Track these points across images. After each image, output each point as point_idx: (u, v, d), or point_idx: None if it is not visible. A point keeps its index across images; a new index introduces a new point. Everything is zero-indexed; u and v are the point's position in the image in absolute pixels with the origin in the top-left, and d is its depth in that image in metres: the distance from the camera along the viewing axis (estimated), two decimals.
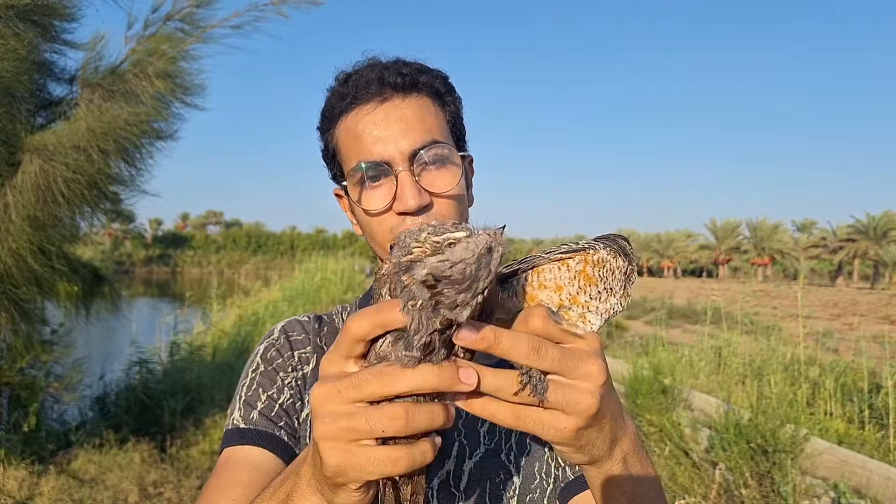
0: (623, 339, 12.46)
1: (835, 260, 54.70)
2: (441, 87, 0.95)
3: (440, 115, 0.94)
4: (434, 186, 0.89)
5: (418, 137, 0.88)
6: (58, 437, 4.87)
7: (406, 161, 0.88)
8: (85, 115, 3.71)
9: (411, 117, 0.89)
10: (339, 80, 0.95)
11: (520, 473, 0.91)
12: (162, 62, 4.08)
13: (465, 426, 0.93)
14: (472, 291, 0.44)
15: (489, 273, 0.44)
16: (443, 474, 0.89)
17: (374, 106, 0.90)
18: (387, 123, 0.88)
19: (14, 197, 3.41)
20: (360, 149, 0.89)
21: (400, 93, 0.90)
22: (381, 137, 0.88)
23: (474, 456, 0.91)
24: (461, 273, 0.43)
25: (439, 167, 0.90)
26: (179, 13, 4.29)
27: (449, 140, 0.94)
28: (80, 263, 4.64)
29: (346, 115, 0.92)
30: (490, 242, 0.45)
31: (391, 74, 0.90)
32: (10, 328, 3.92)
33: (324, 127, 0.98)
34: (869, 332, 11.39)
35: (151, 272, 62.93)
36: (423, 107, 0.92)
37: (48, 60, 3.94)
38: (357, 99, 0.91)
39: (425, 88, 0.93)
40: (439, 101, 0.95)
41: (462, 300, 0.44)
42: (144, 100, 3.99)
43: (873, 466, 4.46)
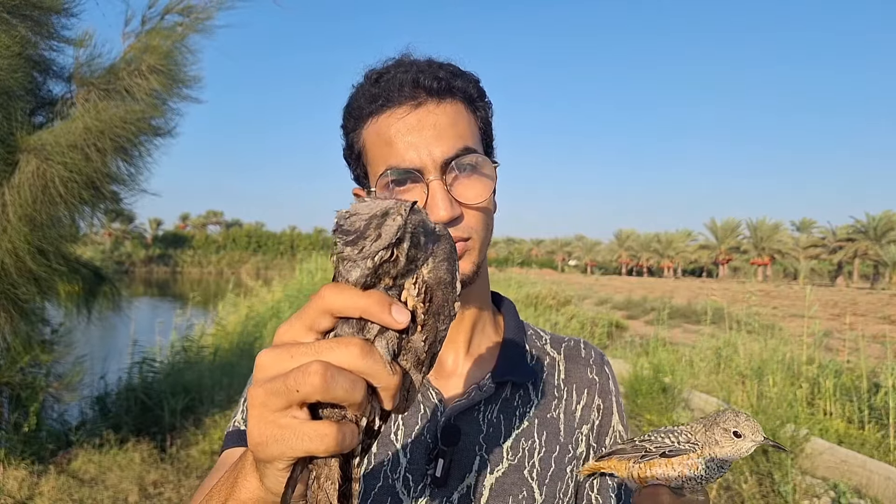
0: (623, 339, 12.46)
1: (835, 260, 54.68)
2: (474, 93, 0.91)
3: (472, 122, 0.91)
4: (465, 197, 0.86)
5: (451, 145, 0.85)
6: (58, 437, 4.87)
7: (438, 170, 0.84)
8: (82, 113, 3.70)
9: (445, 124, 0.86)
10: (370, 80, 0.90)
11: (543, 492, 0.90)
12: (155, 57, 4.05)
13: (487, 440, 0.90)
14: (359, 248, 0.45)
15: (379, 236, 0.44)
16: (463, 488, 0.87)
17: (407, 110, 0.86)
18: (420, 129, 0.85)
19: (11, 197, 3.41)
20: (390, 153, 0.85)
21: (434, 97, 0.87)
22: (414, 143, 0.84)
23: (496, 471, 0.89)
24: (350, 225, 0.45)
25: (471, 177, 0.87)
26: (177, 6, 4.28)
27: (480, 148, 0.91)
28: (80, 263, 4.64)
29: (377, 117, 0.88)
30: (389, 208, 0.46)
31: (426, 78, 0.86)
32: (10, 328, 3.91)
33: (349, 126, 0.93)
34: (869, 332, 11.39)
35: (151, 272, 62.87)
36: (457, 113, 0.88)
37: (47, 58, 3.92)
38: (389, 101, 0.87)
39: (459, 93, 0.89)
40: (471, 106, 0.91)
41: (349, 254, 0.45)
42: (140, 97, 3.97)
43: (873, 466, 4.46)
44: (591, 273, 69.59)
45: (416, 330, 0.49)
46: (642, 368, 6.64)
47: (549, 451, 0.93)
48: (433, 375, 0.94)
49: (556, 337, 1.08)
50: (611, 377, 1.04)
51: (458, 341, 0.96)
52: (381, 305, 0.46)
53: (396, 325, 0.46)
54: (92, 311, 4.83)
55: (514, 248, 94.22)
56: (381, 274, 0.47)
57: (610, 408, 1.01)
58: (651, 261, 74.27)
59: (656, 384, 6.18)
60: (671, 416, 5.57)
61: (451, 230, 0.84)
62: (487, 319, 1.01)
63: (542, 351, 1.03)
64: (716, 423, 0.73)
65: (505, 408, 0.93)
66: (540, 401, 0.96)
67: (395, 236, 0.45)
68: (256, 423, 0.47)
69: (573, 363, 1.03)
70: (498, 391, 0.93)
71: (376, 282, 0.47)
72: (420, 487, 0.86)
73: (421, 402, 0.91)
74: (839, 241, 53.45)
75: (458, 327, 0.96)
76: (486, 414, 0.92)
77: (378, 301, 0.46)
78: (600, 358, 1.06)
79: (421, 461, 0.87)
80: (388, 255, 0.46)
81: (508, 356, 0.97)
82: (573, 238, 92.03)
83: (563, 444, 0.94)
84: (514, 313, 1.05)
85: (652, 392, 6.08)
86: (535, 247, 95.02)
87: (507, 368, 0.94)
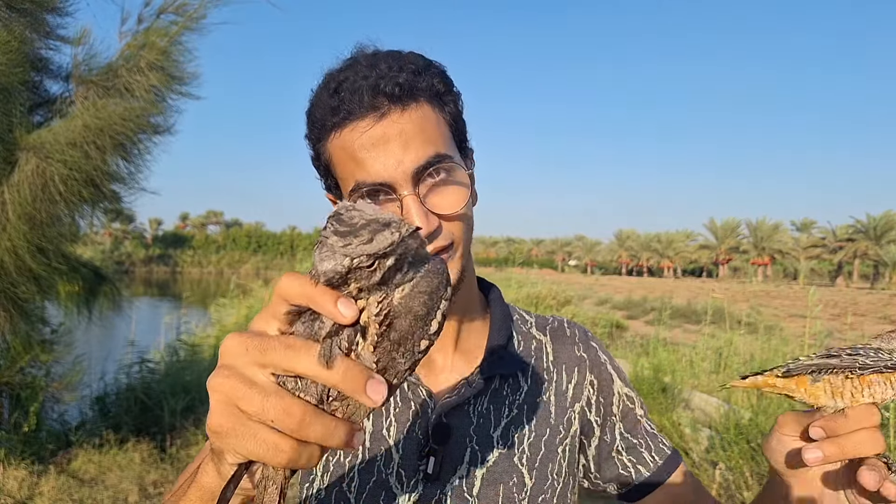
0: (623, 338, 12.46)
1: (835, 260, 54.71)
2: (441, 87, 0.86)
3: (441, 121, 0.86)
4: (441, 208, 0.83)
5: (421, 153, 0.81)
6: (58, 437, 4.87)
7: (410, 183, 0.81)
8: (81, 111, 3.70)
9: (411, 132, 0.81)
10: (329, 89, 0.84)
11: (532, 475, 0.91)
12: (153, 54, 4.05)
13: (478, 432, 0.91)
14: (345, 242, 0.43)
15: (370, 241, 0.43)
16: (455, 480, 0.88)
17: (370, 122, 0.81)
18: (385, 142, 0.80)
19: (11, 195, 3.41)
20: (357, 169, 0.82)
21: (398, 104, 0.82)
22: (381, 157, 0.80)
23: (487, 461, 0.90)
24: (349, 217, 0.44)
25: (445, 186, 0.84)
26: (172, 5, 4.28)
27: (452, 147, 0.87)
28: (80, 263, 4.64)
29: (339, 130, 0.83)
30: (392, 222, 0.44)
31: (387, 84, 0.81)
32: (10, 328, 3.91)
33: (314, 136, 0.88)
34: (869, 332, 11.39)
35: (151, 272, 62.89)
36: (424, 117, 0.83)
37: (44, 57, 3.93)
38: (351, 114, 0.82)
39: (424, 93, 0.84)
40: (439, 103, 0.87)
41: (332, 242, 0.44)
42: (139, 94, 3.97)
43: None
44: (591, 273, 69.61)
45: (366, 346, 0.46)
46: (642, 368, 6.64)
47: (538, 435, 0.94)
48: (423, 372, 0.94)
49: (541, 318, 1.08)
50: (599, 349, 1.05)
51: (447, 338, 0.96)
52: (329, 295, 0.44)
53: (341, 319, 0.44)
54: (92, 311, 4.83)
55: (514, 248, 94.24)
56: (351, 278, 0.44)
57: (608, 377, 1.02)
58: (651, 261, 74.30)
59: (656, 384, 6.18)
60: (671, 417, 5.56)
61: (432, 243, 0.83)
62: (475, 313, 1.01)
63: (529, 335, 1.03)
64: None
65: (495, 399, 0.94)
66: (530, 387, 0.97)
67: (384, 249, 0.43)
68: (216, 411, 0.46)
69: (560, 343, 1.03)
70: (487, 384, 0.94)
71: (342, 283, 0.45)
72: (413, 482, 0.87)
73: (411, 398, 0.92)
74: (839, 241, 53.49)
75: (447, 324, 0.95)
76: (476, 407, 0.92)
77: (326, 291, 0.44)
78: (584, 334, 1.06)
79: (413, 457, 0.88)
80: (369, 263, 0.44)
81: (496, 349, 0.97)
82: (573, 238, 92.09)
83: (553, 426, 0.95)
84: (501, 301, 1.04)
85: (652, 392, 6.08)
86: (535, 247, 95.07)
87: (495, 362, 0.95)
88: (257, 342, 0.45)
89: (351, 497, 0.87)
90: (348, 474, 0.88)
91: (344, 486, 0.88)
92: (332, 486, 0.89)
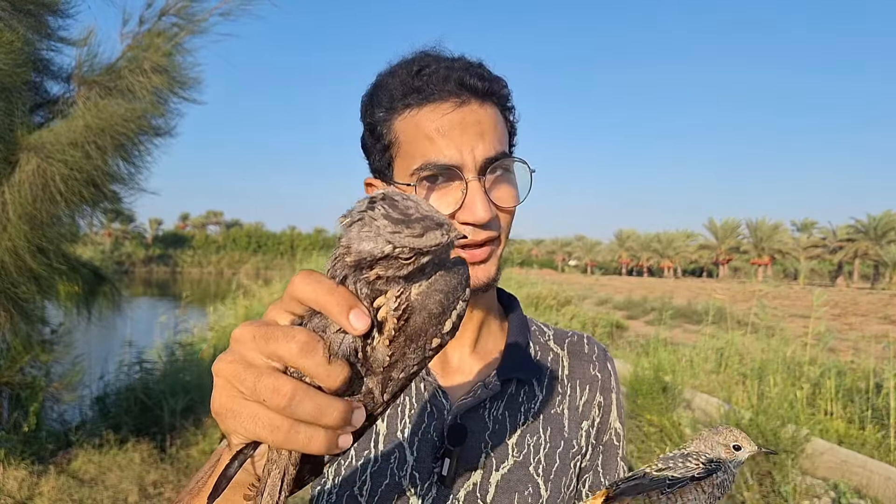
0: (623, 338, 12.46)
1: (835, 260, 54.68)
2: (506, 98, 0.92)
3: (505, 127, 0.91)
4: (500, 200, 0.88)
5: (491, 147, 0.85)
6: (58, 437, 4.87)
7: (477, 170, 0.84)
8: (82, 112, 3.71)
9: (486, 125, 0.86)
10: (410, 71, 0.87)
11: (548, 487, 0.91)
12: (157, 56, 4.06)
13: (493, 437, 0.91)
14: (395, 230, 0.43)
15: (420, 235, 0.43)
16: (469, 485, 0.88)
17: (451, 107, 0.85)
18: (463, 128, 0.84)
19: (11, 195, 3.41)
20: (429, 148, 0.84)
21: (478, 98, 0.86)
22: (456, 141, 0.84)
23: (501, 468, 0.89)
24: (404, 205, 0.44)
25: (505, 181, 0.89)
26: (174, 8, 4.29)
27: (510, 152, 0.92)
28: (80, 263, 4.64)
29: (416, 109, 0.86)
30: (444, 223, 0.44)
31: (471, 77, 0.86)
32: (10, 328, 3.91)
33: (378, 115, 0.90)
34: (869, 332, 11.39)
35: (151, 272, 62.85)
36: (495, 116, 0.89)
37: (45, 58, 3.93)
38: (432, 95, 0.85)
39: (496, 97, 0.89)
40: (504, 110, 0.92)
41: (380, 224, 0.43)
42: (141, 95, 3.98)
43: (874, 466, 4.45)
44: (591, 273, 69.60)
45: (381, 341, 0.46)
46: (642, 368, 6.64)
47: (553, 446, 0.94)
48: (440, 374, 0.95)
49: (560, 332, 1.08)
50: (612, 374, 1.05)
51: (465, 339, 0.97)
52: (341, 306, 0.44)
53: (352, 331, 0.44)
54: (92, 311, 4.83)
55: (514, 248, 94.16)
56: (380, 264, 0.44)
57: (609, 405, 1.02)
58: (651, 261, 74.26)
59: (656, 384, 6.18)
60: (671, 417, 5.56)
61: (485, 230, 0.86)
62: (494, 318, 1.02)
63: (546, 347, 1.04)
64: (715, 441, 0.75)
65: (510, 405, 0.94)
66: (544, 397, 0.97)
67: (429, 248, 0.44)
68: (221, 393, 0.47)
69: (576, 359, 1.04)
70: (503, 388, 0.94)
71: (368, 266, 0.44)
72: (427, 485, 0.87)
73: (427, 400, 0.91)
74: (839, 241, 53.44)
75: (466, 325, 0.96)
76: (491, 411, 0.92)
77: (339, 301, 0.44)
78: (603, 354, 1.06)
79: (428, 459, 0.88)
80: (408, 256, 0.44)
81: (513, 354, 0.97)
82: (573, 238, 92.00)
83: (567, 439, 0.95)
84: (519, 310, 1.06)
85: (652, 392, 6.08)
86: (535, 247, 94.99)
87: (511, 366, 0.95)
88: (264, 331, 0.46)
89: (362, 500, 0.86)
90: (360, 477, 0.87)
91: (355, 489, 0.87)
92: (342, 490, 0.87)
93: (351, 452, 0.89)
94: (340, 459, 0.90)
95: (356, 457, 0.89)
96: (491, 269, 0.89)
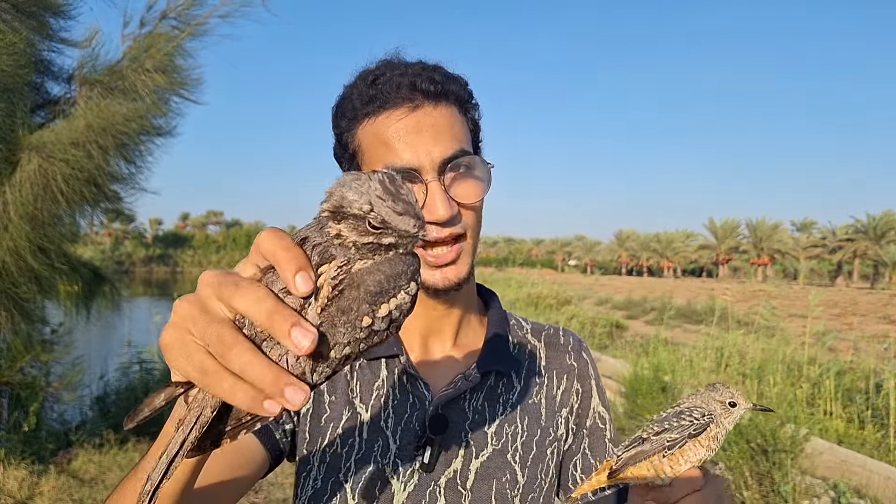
0: (623, 338, 12.46)
1: (834, 260, 54.68)
2: (465, 95, 0.95)
3: (465, 124, 0.94)
4: (462, 197, 0.90)
5: (448, 147, 0.88)
6: (58, 437, 4.87)
7: (436, 170, 0.87)
8: (84, 111, 3.71)
9: (442, 126, 0.89)
10: (366, 81, 0.91)
11: (525, 473, 0.95)
12: (159, 56, 4.07)
13: (472, 427, 0.95)
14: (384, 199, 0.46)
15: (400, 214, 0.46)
16: (450, 473, 0.92)
17: (404, 112, 0.88)
18: (418, 131, 0.87)
19: (13, 195, 3.41)
20: (387, 153, 0.88)
21: (431, 100, 0.89)
22: (412, 144, 0.87)
23: (481, 456, 0.94)
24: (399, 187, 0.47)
25: (467, 178, 0.91)
26: (174, 10, 4.30)
27: (471, 149, 0.95)
28: (80, 263, 4.64)
29: (374, 118, 0.90)
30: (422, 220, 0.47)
31: (423, 81, 0.89)
32: (10, 328, 3.91)
33: (342, 126, 0.95)
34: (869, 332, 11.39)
35: (151, 272, 62.80)
36: (452, 116, 0.91)
37: (46, 59, 3.94)
38: (386, 103, 0.89)
39: (453, 97, 0.92)
40: (463, 109, 0.95)
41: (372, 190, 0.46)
42: (143, 94, 3.99)
43: (873, 466, 4.46)
44: (591, 273, 69.59)
45: (315, 307, 0.47)
46: (642, 368, 6.64)
47: (530, 434, 0.98)
48: (422, 366, 0.99)
49: (537, 325, 1.13)
50: (589, 362, 1.10)
51: (446, 333, 1.02)
52: (292, 265, 0.46)
53: (295, 291, 0.46)
54: (91, 311, 4.83)
55: (514, 248, 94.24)
56: (348, 220, 0.47)
57: (589, 391, 1.07)
58: (651, 261, 74.26)
59: (656, 384, 6.18)
60: None
61: (449, 228, 0.89)
62: (473, 312, 1.06)
63: (524, 340, 1.08)
64: (711, 397, 0.78)
65: (490, 396, 0.99)
66: (522, 387, 1.02)
67: (398, 229, 0.46)
68: (168, 327, 0.49)
69: (553, 350, 1.08)
70: (483, 380, 0.98)
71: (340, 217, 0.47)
72: (409, 472, 0.91)
73: (409, 390, 0.96)
74: (839, 241, 53.42)
75: (447, 320, 1.01)
76: (471, 402, 0.97)
77: (292, 260, 0.46)
78: (578, 344, 1.11)
79: (410, 448, 0.92)
80: (377, 226, 0.46)
81: (493, 347, 1.02)
82: (573, 238, 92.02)
83: (544, 427, 1.00)
84: (499, 305, 1.10)
85: (652, 392, 6.09)
86: (535, 247, 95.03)
87: (491, 359, 1.00)
88: (228, 280, 0.48)
89: (347, 486, 0.90)
90: (345, 463, 0.91)
91: (340, 475, 0.91)
92: (328, 476, 0.91)
93: (336, 440, 0.93)
94: (326, 447, 0.93)
95: (341, 444, 0.93)
96: (461, 268, 0.92)
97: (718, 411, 0.76)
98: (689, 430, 0.74)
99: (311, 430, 0.95)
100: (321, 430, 0.94)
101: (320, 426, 0.95)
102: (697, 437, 0.74)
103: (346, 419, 0.94)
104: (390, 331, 0.50)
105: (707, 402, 0.77)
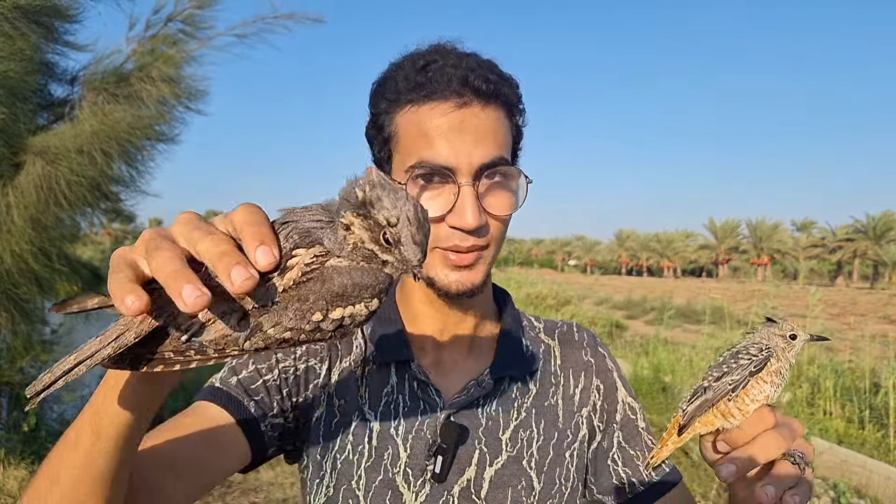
0: (623, 338, 12.46)
1: (834, 260, 54.69)
2: (515, 99, 0.90)
3: (509, 130, 0.89)
4: (493, 208, 0.86)
5: (489, 152, 0.83)
6: (58, 437, 4.83)
7: (471, 175, 0.83)
8: (88, 117, 3.71)
9: (487, 129, 0.84)
10: (415, 66, 0.86)
11: (541, 479, 0.91)
12: (167, 66, 4.07)
13: (486, 434, 0.91)
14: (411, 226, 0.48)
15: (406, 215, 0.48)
16: (463, 482, 0.88)
17: (451, 107, 0.83)
18: (461, 130, 0.82)
19: (16, 198, 3.42)
20: (425, 146, 0.83)
21: (481, 100, 0.84)
22: (452, 143, 0.82)
23: (495, 463, 0.90)
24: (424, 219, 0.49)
25: (501, 188, 0.87)
26: (181, 14, 4.30)
27: (510, 157, 0.90)
28: (80, 263, 4.64)
29: (417, 106, 0.84)
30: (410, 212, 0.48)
31: (476, 78, 0.83)
32: (10, 328, 3.91)
33: (381, 107, 0.89)
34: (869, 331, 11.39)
35: None
36: (499, 120, 0.86)
37: (50, 61, 3.94)
38: (434, 94, 0.83)
39: (502, 99, 0.87)
40: (510, 112, 0.89)
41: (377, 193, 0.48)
42: (149, 103, 3.99)
43: (873, 466, 4.46)
44: (591, 273, 69.60)
45: (276, 279, 0.48)
46: (642, 368, 6.65)
47: (547, 438, 0.94)
48: (433, 372, 0.95)
49: (550, 323, 1.09)
50: (606, 356, 1.06)
51: (460, 339, 0.97)
52: (255, 238, 0.47)
53: (254, 262, 0.46)
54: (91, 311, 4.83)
55: (514, 247, 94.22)
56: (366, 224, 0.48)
57: (612, 385, 1.03)
58: (651, 261, 74.25)
59: (656, 384, 6.19)
60: (671, 416, 5.58)
61: (473, 238, 0.85)
62: (489, 317, 1.02)
63: (538, 340, 1.04)
64: (770, 332, 0.76)
65: (503, 401, 0.95)
66: (538, 390, 0.98)
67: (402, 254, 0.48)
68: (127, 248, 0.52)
69: (568, 347, 1.04)
70: (496, 386, 0.94)
71: (359, 215, 0.48)
72: (420, 482, 0.87)
73: (421, 398, 0.92)
74: (839, 241, 53.42)
75: (462, 326, 0.97)
76: (485, 408, 0.93)
77: (255, 234, 0.47)
78: (593, 339, 1.07)
79: (421, 456, 0.88)
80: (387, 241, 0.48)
81: (506, 351, 0.98)
82: (573, 238, 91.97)
83: (561, 430, 0.96)
84: (512, 306, 1.06)
85: (652, 392, 6.09)
86: (535, 247, 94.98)
87: (504, 364, 0.96)
88: (201, 225, 0.49)
89: (359, 495, 0.87)
90: (356, 471, 0.88)
91: (353, 483, 0.88)
92: (339, 484, 0.89)
93: (347, 446, 0.90)
94: (337, 453, 0.90)
95: (352, 451, 0.89)
96: (477, 275, 0.88)
97: (781, 345, 0.74)
98: (749, 369, 0.72)
99: (323, 435, 0.92)
100: (332, 435, 0.91)
101: (331, 431, 0.92)
102: (759, 374, 0.72)
103: (355, 425, 0.91)
104: (335, 335, 0.50)
105: (765, 338, 0.75)
